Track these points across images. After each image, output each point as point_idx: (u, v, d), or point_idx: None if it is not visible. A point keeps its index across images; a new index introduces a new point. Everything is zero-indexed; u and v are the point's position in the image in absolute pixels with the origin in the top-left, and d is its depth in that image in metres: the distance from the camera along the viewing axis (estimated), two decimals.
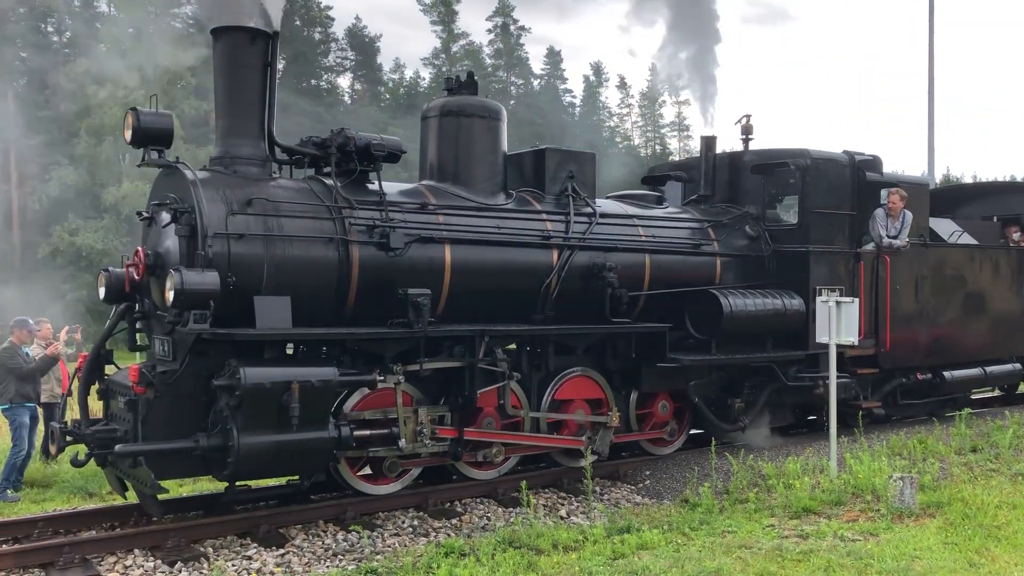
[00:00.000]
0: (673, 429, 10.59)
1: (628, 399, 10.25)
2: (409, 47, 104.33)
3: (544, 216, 9.63)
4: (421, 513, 8.63)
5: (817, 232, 11.06)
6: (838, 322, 9.63)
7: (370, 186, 8.78)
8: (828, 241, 11.16)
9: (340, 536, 7.92)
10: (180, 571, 7.02)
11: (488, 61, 67.25)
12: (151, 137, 7.87)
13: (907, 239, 11.78)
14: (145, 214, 8.32)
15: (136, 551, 7.39)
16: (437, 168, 9.48)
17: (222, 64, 8.25)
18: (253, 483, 8.40)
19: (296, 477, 8.27)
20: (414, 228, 8.63)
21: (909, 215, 11.78)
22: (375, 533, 7.98)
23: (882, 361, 11.79)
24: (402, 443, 8.35)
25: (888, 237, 11.69)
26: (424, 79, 65.32)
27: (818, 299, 10.00)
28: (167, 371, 7.62)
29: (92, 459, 7.71)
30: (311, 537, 7.85)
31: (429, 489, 8.96)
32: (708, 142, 11.77)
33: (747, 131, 11.98)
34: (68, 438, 7.79)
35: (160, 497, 7.62)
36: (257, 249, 7.82)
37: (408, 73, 68.05)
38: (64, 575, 6.87)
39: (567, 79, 76.47)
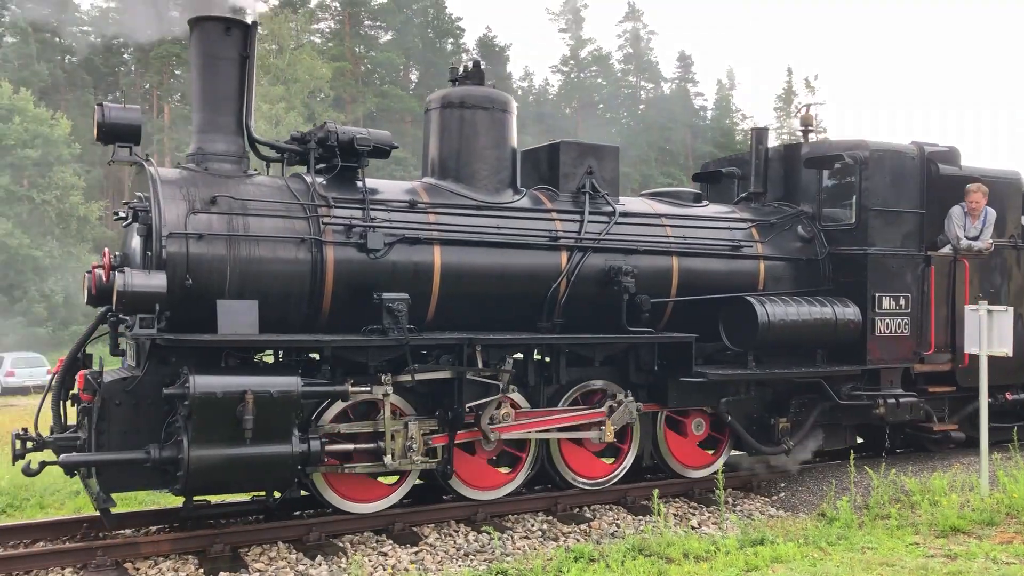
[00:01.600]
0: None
1: (655, 416, 9.19)
2: (538, 55, 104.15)
3: (555, 215, 8.68)
4: (550, 517, 8.49)
5: (877, 233, 9.66)
6: (990, 331, 8.83)
7: (360, 183, 8.08)
8: (891, 242, 9.73)
9: (471, 536, 7.87)
10: (320, 564, 7.10)
11: (617, 66, 66.06)
12: (118, 133, 7.38)
13: (990, 240, 10.22)
14: (122, 213, 7.87)
15: (280, 544, 7.49)
16: (438, 164, 8.67)
17: (197, 56, 7.72)
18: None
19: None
20: (399, 228, 7.87)
21: (992, 213, 10.22)
22: (505, 535, 7.88)
23: (960, 378, 10.25)
24: (388, 459, 7.58)
25: (967, 238, 10.17)
26: (553, 86, 64.73)
27: (967, 307, 9.19)
28: (127, 378, 7.13)
29: (45, 468, 7.25)
30: (443, 536, 7.86)
31: (558, 494, 8.74)
32: (759, 134, 10.52)
33: (806, 123, 10.66)
34: (29, 445, 7.37)
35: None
36: (219, 250, 7.22)
37: (537, 81, 67.59)
38: (214, 564, 7.00)
39: (698, 82, 74.51)
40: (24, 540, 7.63)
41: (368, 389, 7.52)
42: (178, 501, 7.56)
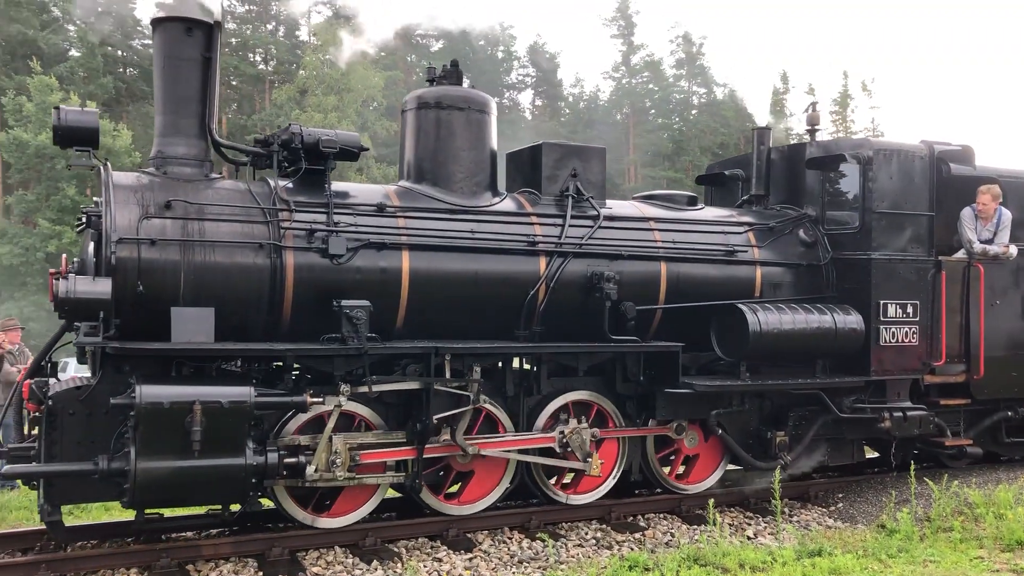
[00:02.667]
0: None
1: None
2: (589, 61, 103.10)
3: (534, 219, 8.22)
4: (604, 526, 8.30)
5: (882, 236, 9.00)
6: None
7: (334, 187, 7.73)
8: (897, 247, 9.07)
9: (525, 544, 7.75)
10: (376, 569, 7.04)
11: (670, 71, 65.02)
12: (75, 137, 7.11)
13: (1007, 243, 9.49)
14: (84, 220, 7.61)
15: (337, 548, 7.44)
16: (414, 167, 8.27)
17: (158, 57, 7.42)
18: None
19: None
20: (365, 232, 7.49)
21: (1007, 214, 9.50)
22: (559, 543, 7.73)
23: (975, 390, 9.53)
24: (310, 471, 7.15)
25: (980, 242, 9.45)
26: (604, 92, 64.01)
27: None
28: (81, 387, 6.87)
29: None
30: (497, 543, 7.73)
31: (612, 502, 8.52)
32: (760, 134, 9.92)
33: (813, 122, 10.02)
34: None
35: None
36: (173, 255, 6.90)
37: (588, 87, 66.87)
38: (273, 567, 7.00)
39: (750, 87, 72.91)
40: (92, 540, 7.55)
41: (322, 400, 7.14)
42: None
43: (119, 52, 54.49)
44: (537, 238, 8.11)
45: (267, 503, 7.56)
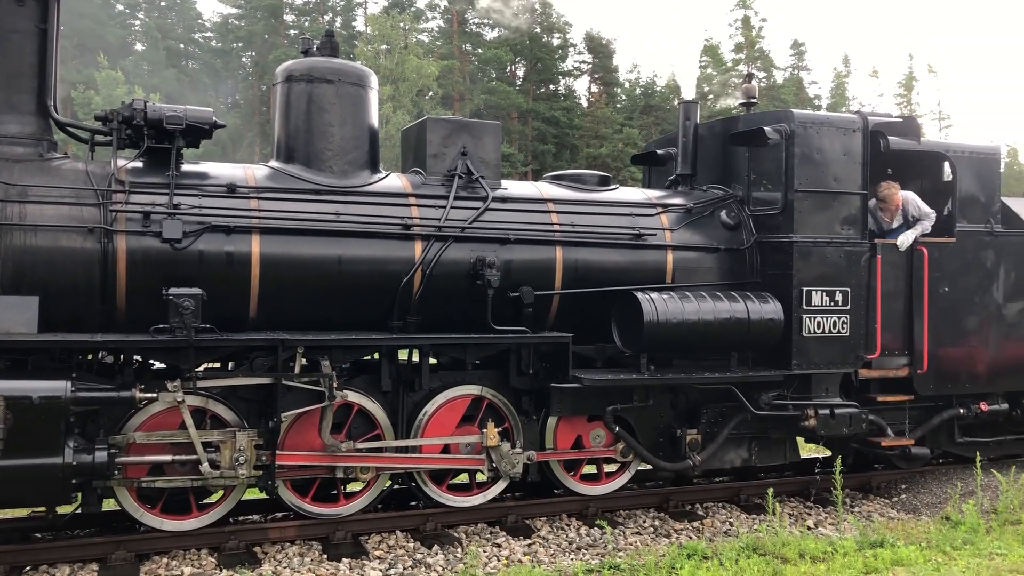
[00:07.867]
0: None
1: (544, 426, 7.65)
2: (646, 47, 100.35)
3: (412, 200, 7.24)
4: (662, 514, 8.00)
5: (805, 217, 7.78)
6: None
7: (186, 167, 6.88)
8: (823, 229, 7.84)
9: (583, 531, 7.50)
10: (437, 553, 6.87)
11: (728, 56, 62.74)
12: None
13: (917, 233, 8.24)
14: None
15: (398, 532, 7.26)
16: (284, 146, 7.32)
17: None
18: None
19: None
20: (211, 215, 6.61)
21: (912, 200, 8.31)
22: (617, 530, 7.47)
23: (918, 385, 8.27)
24: (204, 468, 6.35)
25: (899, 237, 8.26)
26: (661, 78, 62.04)
27: None
28: None
29: None
30: (555, 530, 7.51)
31: (670, 490, 8.26)
32: (687, 109, 8.74)
33: (748, 94, 8.81)
34: None
35: None
36: None
37: (645, 73, 64.85)
38: (337, 550, 6.82)
39: (811, 70, 70.18)
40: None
41: (155, 395, 6.31)
42: None
43: (180, 45, 54.62)
44: (413, 221, 7.13)
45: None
